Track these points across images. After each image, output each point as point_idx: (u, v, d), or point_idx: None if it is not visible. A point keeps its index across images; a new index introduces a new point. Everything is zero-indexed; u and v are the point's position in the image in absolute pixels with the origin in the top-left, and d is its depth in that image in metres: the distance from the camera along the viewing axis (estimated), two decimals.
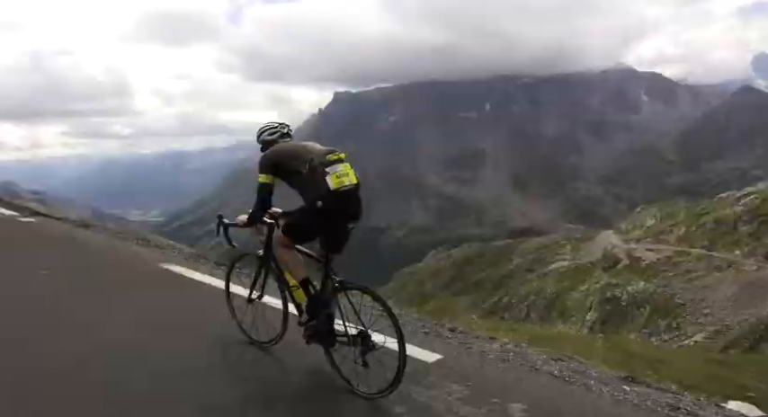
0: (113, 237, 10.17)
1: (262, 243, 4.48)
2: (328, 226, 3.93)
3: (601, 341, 39.52)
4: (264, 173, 4.13)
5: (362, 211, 4.07)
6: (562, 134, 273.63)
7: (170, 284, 7.09)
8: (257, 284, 4.64)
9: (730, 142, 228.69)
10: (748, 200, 54.74)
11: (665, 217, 64.74)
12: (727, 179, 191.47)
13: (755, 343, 39.98)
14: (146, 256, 8.66)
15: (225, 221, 4.50)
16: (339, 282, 3.92)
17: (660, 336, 45.73)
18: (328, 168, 3.77)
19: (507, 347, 5.99)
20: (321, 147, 4.00)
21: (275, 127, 4.37)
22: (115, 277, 7.23)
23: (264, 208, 4.26)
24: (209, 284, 6.11)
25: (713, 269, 48.75)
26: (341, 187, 3.77)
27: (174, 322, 5.55)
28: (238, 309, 4.85)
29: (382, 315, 3.77)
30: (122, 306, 5.97)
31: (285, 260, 4.18)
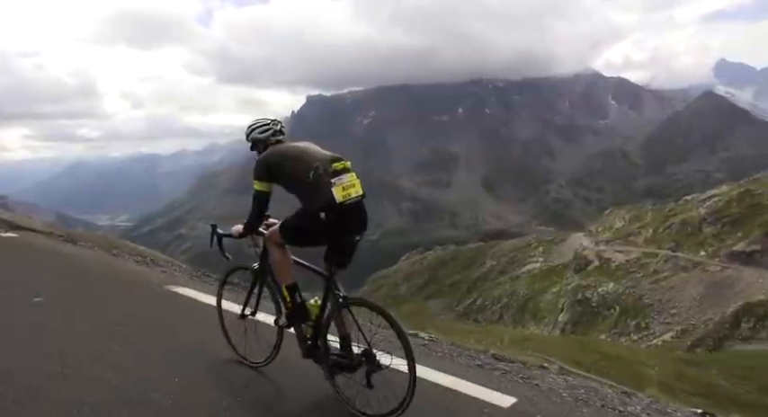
0: (106, 254, 9.14)
1: (257, 255, 4.15)
2: (329, 238, 3.61)
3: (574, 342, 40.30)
4: (261, 180, 3.80)
5: (368, 221, 3.79)
6: (533, 137, 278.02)
7: (187, 313, 5.98)
8: (251, 299, 4.30)
9: (694, 146, 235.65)
10: (712, 202, 56.38)
11: (633, 219, 66.21)
12: (692, 181, 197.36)
13: (720, 342, 41.23)
14: (148, 277, 7.63)
15: (219, 231, 4.24)
16: (343, 298, 3.62)
17: (629, 336, 46.73)
18: (334, 179, 3.44)
19: (571, 380, 5.35)
20: (324, 152, 3.68)
21: (267, 123, 4.02)
22: (122, 305, 6.04)
23: (262, 218, 3.99)
24: (229, 311, 4.59)
25: (679, 269, 50.05)
26: (347, 199, 3.46)
27: (206, 365, 4.48)
28: (230, 326, 4.50)
29: (389, 333, 3.49)
30: (140, 345, 4.79)
31: (278, 260, 3.86)
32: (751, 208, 51.23)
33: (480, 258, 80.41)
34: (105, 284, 6.98)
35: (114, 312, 5.68)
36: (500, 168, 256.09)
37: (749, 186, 56.51)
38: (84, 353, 4.52)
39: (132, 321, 5.41)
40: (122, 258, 8.84)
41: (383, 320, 3.48)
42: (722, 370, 32.87)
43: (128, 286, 7.01)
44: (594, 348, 36.67)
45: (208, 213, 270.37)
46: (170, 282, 7.04)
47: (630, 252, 57.02)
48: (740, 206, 52.35)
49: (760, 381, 30.68)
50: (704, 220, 53.68)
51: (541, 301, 58.85)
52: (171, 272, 8.15)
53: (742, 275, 45.27)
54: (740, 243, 47.83)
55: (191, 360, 4.53)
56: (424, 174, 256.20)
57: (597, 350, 36.13)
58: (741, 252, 46.98)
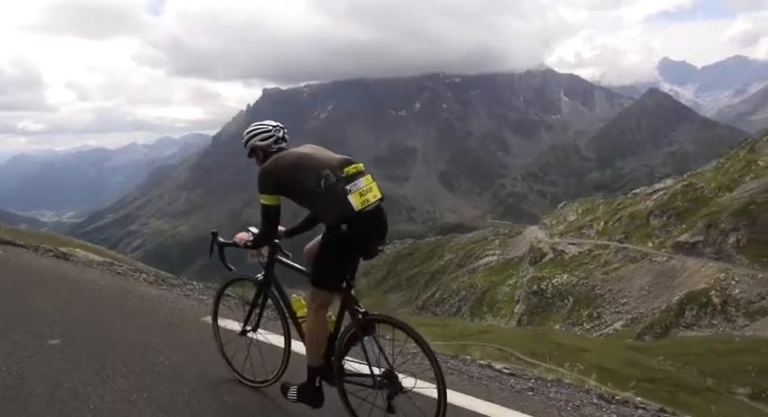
0: (109, 272, 7.63)
1: (261, 266, 3.77)
2: (356, 251, 3.25)
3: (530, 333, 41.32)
4: (268, 193, 3.39)
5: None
6: (489, 132, 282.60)
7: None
8: (253, 313, 3.91)
9: (640, 141, 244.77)
10: (658, 196, 58.77)
11: (586, 212, 68.36)
12: (638, 175, 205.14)
13: (666, 329, 43.16)
14: (175, 304, 5.99)
15: (220, 240, 3.80)
16: (363, 314, 3.28)
17: (582, 326, 48.33)
18: (349, 185, 3.11)
19: (640, 411, 4.96)
20: (333, 156, 3.35)
21: (269, 130, 3.59)
22: (165, 350, 4.48)
23: (274, 234, 3.56)
24: (298, 353, 3.75)
25: (629, 260, 52.03)
26: (366, 206, 3.12)
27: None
28: (228, 343, 4.07)
29: (417, 353, 3.23)
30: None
31: (311, 333, 3.38)
32: (694, 200, 53.67)
33: (438, 252, 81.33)
34: (129, 318, 5.39)
35: (158, 360, 4.25)
36: (457, 162, 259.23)
37: (692, 180, 59.18)
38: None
39: (190, 378, 4.00)
40: (129, 277, 7.44)
41: (405, 337, 3.19)
42: (668, 356, 34.44)
43: (159, 321, 5.40)
44: (549, 338, 37.72)
45: (161, 209, 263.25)
46: (205, 312, 5.43)
47: (583, 244, 58.86)
48: (684, 199, 54.76)
49: (701, 365, 32.32)
50: (651, 213, 55.91)
51: (498, 293, 60.06)
52: (195, 296, 6.63)
53: (686, 265, 47.44)
54: (684, 234, 50.08)
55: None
56: (382, 169, 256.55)
57: (552, 340, 37.17)
58: (685, 242, 49.20)
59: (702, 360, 32.58)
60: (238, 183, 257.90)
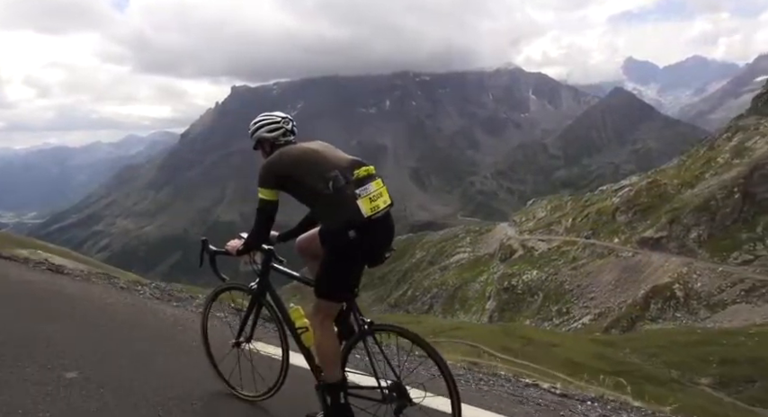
0: (109, 286, 7.01)
1: (255, 273, 3.52)
2: (363, 260, 3.05)
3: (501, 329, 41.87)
4: (267, 187, 3.14)
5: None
6: (459, 130, 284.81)
7: (307, 393, 3.54)
8: (247, 324, 3.67)
9: (606, 139, 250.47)
10: (624, 193, 60.22)
11: (554, 209, 69.57)
12: (604, 172, 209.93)
13: (632, 323, 44.32)
14: (196, 325, 4.44)
15: (211, 248, 3.55)
16: (368, 323, 3.10)
17: (552, 321, 49.22)
18: (359, 190, 2.90)
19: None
20: (342, 156, 3.14)
21: (277, 121, 3.38)
22: (196, 380, 3.98)
23: (267, 232, 3.31)
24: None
25: (596, 256, 53.20)
26: (376, 213, 2.92)
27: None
28: (220, 355, 3.83)
29: (424, 363, 3.10)
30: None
31: (322, 348, 3.13)
32: (658, 197, 55.17)
33: (410, 249, 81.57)
34: (150, 342, 4.79)
35: (195, 393, 3.77)
36: (427, 160, 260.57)
37: (656, 177, 60.83)
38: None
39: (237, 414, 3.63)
40: (135, 293, 6.83)
41: (412, 347, 3.03)
42: (635, 349, 35.39)
43: (184, 345, 4.76)
44: (520, 334, 38.34)
45: (127, 208, 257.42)
46: (227, 333, 4.40)
47: (552, 240, 59.92)
48: (648, 195, 56.25)
49: (666, 357, 33.31)
50: (617, 209, 57.24)
51: (469, 290, 60.67)
52: (213, 315, 5.01)
53: (651, 260, 48.76)
54: (649, 230, 51.46)
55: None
56: None
57: (523, 335, 37.80)
58: (650, 238, 50.56)
59: (667, 352, 33.57)
60: (207, 182, 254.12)
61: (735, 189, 47.90)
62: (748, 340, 33.62)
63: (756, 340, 33.55)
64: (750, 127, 56.85)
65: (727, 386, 29.91)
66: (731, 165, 52.51)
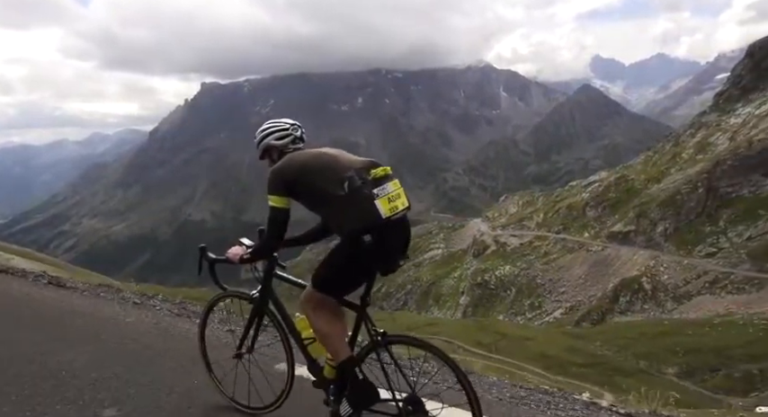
0: (123, 302, 6.42)
1: (257, 281, 3.36)
2: (376, 266, 2.87)
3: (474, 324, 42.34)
4: (278, 195, 2.98)
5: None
6: (431, 126, 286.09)
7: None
8: (248, 334, 3.48)
9: (574, 135, 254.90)
10: (593, 188, 61.46)
11: (526, 204, 70.56)
12: (573, 168, 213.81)
13: (602, 315, 45.32)
14: (225, 342, 4.41)
15: (210, 255, 3.34)
16: (381, 334, 2.91)
17: (525, 315, 49.99)
18: (377, 189, 2.75)
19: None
20: (355, 158, 2.99)
21: (286, 128, 3.22)
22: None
23: (279, 241, 3.08)
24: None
25: (567, 251, 54.18)
26: (395, 214, 2.75)
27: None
28: (219, 366, 3.64)
29: (440, 374, 2.95)
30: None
31: (323, 331, 2.97)
32: (626, 192, 56.47)
33: None
34: (184, 368, 4.19)
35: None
36: (400, 157, 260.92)
37: (623, 172, 62.22)
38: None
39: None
40: (152, 309, 6.28)
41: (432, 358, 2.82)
42: (605, 341, 36.23)
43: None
44: (494, 328, 38.87)
45: (95, 208, 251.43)
46: (280, 358, 3.80)
47: (524, 235, 60.76)
48: (617, 190, 57.52)
49: (635, 349, 34.19)
50: (587, 204, 58.38)
51: (443, 286, 61.11)
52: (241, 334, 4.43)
53: (619, 253, 49.92)
54: (617, 224, 52.64)
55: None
56: None
57: (496, 330, 38.33)
58: (618, 232, 51.73)
59: (636, 344, 34.44)
60: (177, 180, 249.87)
61: (699, 183, 49.33)
62: (712, 330, 34.74)
63: (720, 330, 34.70)
64: (712, 123, 58.58)
65: (692, 376, 30.87)
66: (695, 161, 54.06)
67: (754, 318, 35.59)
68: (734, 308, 39.18)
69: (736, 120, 55.59)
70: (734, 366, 30.50)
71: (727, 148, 50.96)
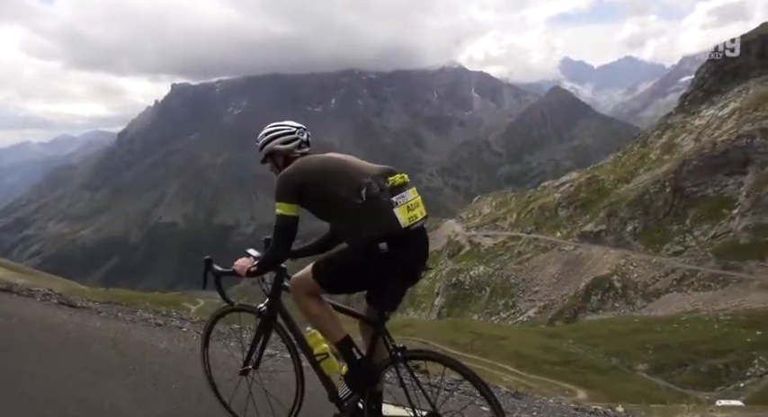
0: (141, 321, 6.08)
1: (265, 293, 3.19)
2: (390, 276, 2.73)
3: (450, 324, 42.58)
4: (287, 202, 2.77)
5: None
6: (404, 128, 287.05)
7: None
8: (255, 349, 3.32)
9: (545, 136, 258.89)
10: (564, 188, 62.47)
11: (499, 205, 71.32)
12: (545, 169, 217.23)
13: (575, 314, 46.08)
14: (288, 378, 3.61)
15: (216, 268, 3.13)
16: (400, 349, 2.79)
17: (499, 315, 50.49)
18: (396, 197, 2.64)
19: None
20: (370, 165, 2.88)
21: (292, 131, 3.06)
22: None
23: (287, 251, 2.91)
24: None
25: (540, 250, 54.93)
26: (414, 223, 2.65)
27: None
28: (223, 383, 3.48)
29: (461, 391, 2.87)
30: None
31: (316, 314, 2.89)
32: (596, 192, 57.56)
33: None
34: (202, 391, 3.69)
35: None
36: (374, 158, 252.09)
37: (594, 173, 63.41)
38: None
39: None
40: (176, 330, 5.87)
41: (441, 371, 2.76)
42: (578, 340, 36.84)
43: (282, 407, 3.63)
44: (468, 328, 39.16)
45: (61, 211, 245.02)
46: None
47: (498, 236, 61.40)
48: (587, 191, 58.59)
49: (607, 346, 34.86)
50: (559, 204, 59.31)
51: (418, 287, 61.25)
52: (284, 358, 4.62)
53: (591, 253, 50.83)
54: (589, 224, 53.59)
55: None
56: None
57: (471, 330, 38.63)
58: (590, 232, 52.68)
59: (608, 341, 35.11)
60: (147, 183, 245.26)
61: (666, 183, 50.57)
62: (680, 327, 35.65)
63: (687, 326, 35.65)
64: (678, 125, 60.15)
65: (661, 371, 31.62)
66: (662, 161, 55.42)
67: (719, 315, 36.65)
68: (700, 305, 40.28)
69: (700, 122, 57.18)
70: (700, 361, 31.36)
71: (693, 149, 52.36)
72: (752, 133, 47.01)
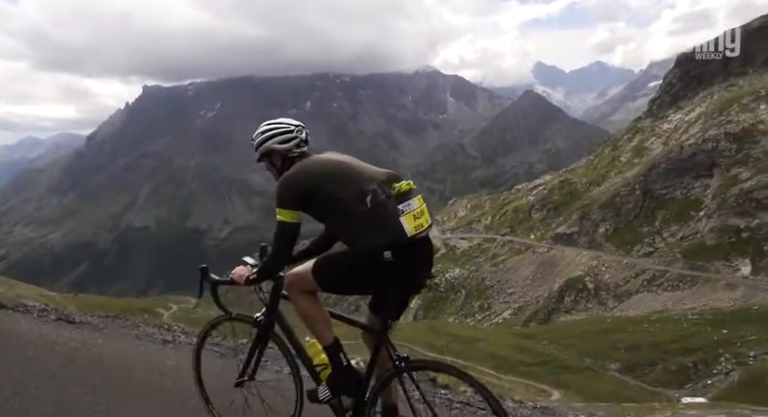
0: (145, 338, 5.80)
1: (263, 303, 3.06)
2: (392, 284, 2.63)
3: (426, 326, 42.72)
4: (289, 208, 2.67)
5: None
6: (379, 131, 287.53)
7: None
8: (252, 360, 3.18)
9: (519, 139, 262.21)
10: (538, 191, 63.38)
11: (474, 207, 71.94)
12: (518, 172, 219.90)
13: (549, 315, 46.71)
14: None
15: (213, 277, 3.02)
16: (404, 359, 2.68)
17: (474, 317, 50.89)
18: (402, 205, 2.55)
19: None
20: (374, 168, 2.79)
21: (290, 130, 2.96)
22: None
23: (287, 259, 2.82)
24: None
25: (514, 252, 55.58)
26: (420, 232, 2.56)
27: None
28: (216, 395, 3.34)
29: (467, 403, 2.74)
30: None
31: (309, 314, 2.78)
32: (569, 194, 58.53)
33: None
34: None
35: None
36: None
37: (567, 175, 64.48)
38: None
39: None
40: (182, 347, 5.58)
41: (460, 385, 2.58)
42: (552, 340, 37.34)
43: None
44: (445, 331, 39.35)
45: (28, 215, 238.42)
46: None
47: (473, 238, 61.93)
48: (560, 193, 59.54)
49: (580, 347, 35.41)
50: (533, 207, 60.13)
51: None
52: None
53: (564, 254, 51.62)
54: (562, 226, 54.43)
55: None
56: None
57: (447, 332, 38.82)
58: (563, 234, 53.51)
59: (581, 342, 35.66)
60: (117, 187, 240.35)
61: (636, 186, 51.71)
62: (650, 326, 36.43)
63: (657, 326, 36.44)
64: (647, 128, 61.60)
65: (633, 370, 32.26)
66: (632, 164, 56.66)
67: (687, 313, 37.58)
68: (669, 305, 41.21)
69: (668, 126, 58.65)
70: (670, 359, 32.08)
71: (661, 152, 53.66)
72: (717, 137, 48.40)
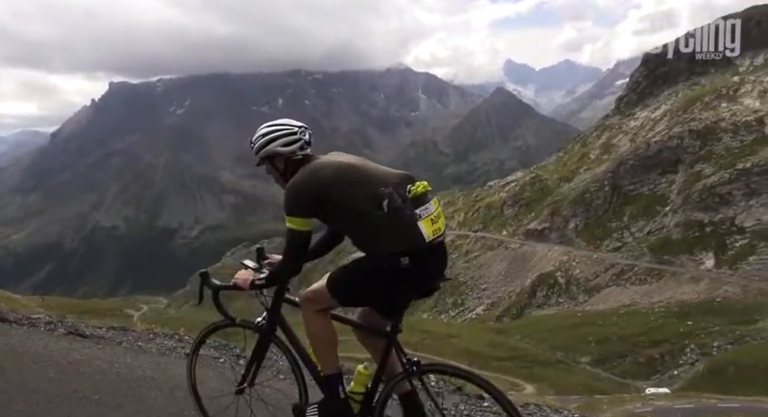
0: (169, 352, 5.16)
1: (264, 307, 2.96)
2: (405, 290, 2.53)
3: None
4: (300, 215, 2.52)
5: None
6: (353, 128, 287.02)
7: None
8: (253, 367, 3.05)
9: (490, 136, 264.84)
10: (510, 187, 64.13)
11: (447, 204, 72.38)
12: (490, 168, 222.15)
13: (521, 310, 47.39)
14: None
15: (214, 282, 2.89)
16: (415, 363, 2.57)
17: (448, 313, 51.28)
18: (419, 209, 2.42)
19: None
20: (387, 170, 2.63)
21: (294, 131, 2.74)
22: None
23: (299, 268, 2.66)
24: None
25: (487, 248, 56.17)
26: (437, 237, 2.45)
27: None
28: (212, 404, 3.20)
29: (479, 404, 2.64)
30: None
31: (319, 334, 2.68)
32: (540, 191, 59.37)
33: None
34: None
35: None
36: None
37: (537, 172, 65.39)
38: None
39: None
40: (212, 361, 4.86)
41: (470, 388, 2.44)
42: (525, 335, 37.92)
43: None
44: (419, 327, 39.57)
45: None
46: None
47: (446, 235, 62.32)
48: (532, 190, 60.35)
49: (552, 341, 36.06)
50: (505, 203, 60.82)
51: None
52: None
53: (536, 250, 52.39)
54: (533, 222, 55.23)
55: None
56: (246, 167, 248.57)
57: (422, 329, 39.06)
58: (534, 229, 54.29)
59: (553, 336, 36.31)
60: (84, 185, 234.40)
61: (605, 182, 52.77)
62: (619, 319, 37.31)
63: (626, 319, 37.34)
64: (615, 126, 62.88)
65: (603, 363, 33.00)
66: (601, 161, 57.78)
67: (654, 307, 38.59)
68: (637, 298, 42.23)
69: (635, 123, 59.98)
70: (638, 352, 32.92)
71: (629, 149, 54.85)
72: (681, 134, 49.71)
